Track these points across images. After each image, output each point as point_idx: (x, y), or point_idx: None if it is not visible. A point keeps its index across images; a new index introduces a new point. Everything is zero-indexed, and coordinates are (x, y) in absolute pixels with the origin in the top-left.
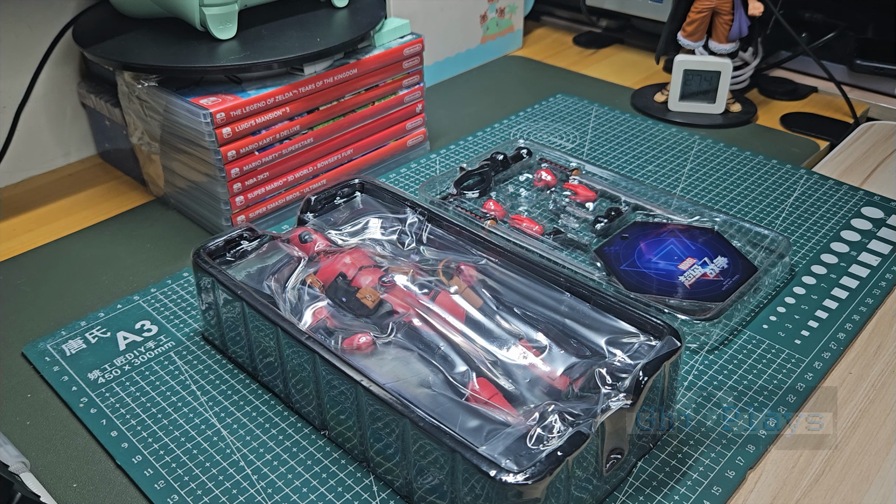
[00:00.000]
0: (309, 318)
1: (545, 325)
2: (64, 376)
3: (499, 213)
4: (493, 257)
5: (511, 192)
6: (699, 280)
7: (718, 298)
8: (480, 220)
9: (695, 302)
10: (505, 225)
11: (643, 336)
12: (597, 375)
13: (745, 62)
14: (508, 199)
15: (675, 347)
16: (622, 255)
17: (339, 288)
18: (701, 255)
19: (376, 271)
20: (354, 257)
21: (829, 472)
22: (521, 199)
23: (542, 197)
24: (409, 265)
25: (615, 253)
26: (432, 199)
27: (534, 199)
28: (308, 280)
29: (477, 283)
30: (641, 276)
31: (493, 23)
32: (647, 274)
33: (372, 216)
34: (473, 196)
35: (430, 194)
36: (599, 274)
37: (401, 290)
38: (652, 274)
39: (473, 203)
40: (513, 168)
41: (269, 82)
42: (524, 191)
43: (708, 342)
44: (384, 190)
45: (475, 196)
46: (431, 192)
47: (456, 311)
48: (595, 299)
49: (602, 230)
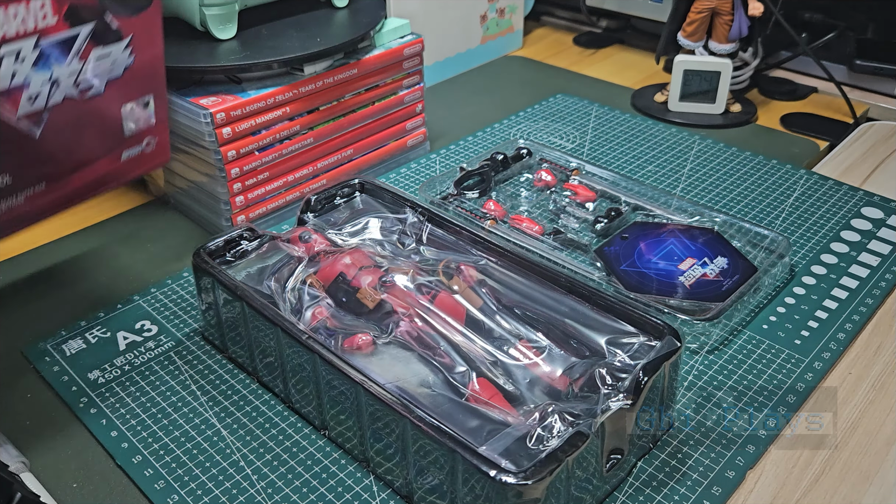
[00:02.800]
0: (309, 318)
1: (545, 326)
2: (64, 376)
3: (499, 214)
4: (493, 257)
5: (511, 193)
6: (699, 280)
7: (718, 298)
8: (480, 220)
9: (695, 302)
10: (505, 225)
11: (643, 336)
12: (597, 376)
13: (744, 62)
14: (508, 199)
15: (675, 348)
16: (622, 256)
17: (339, 288)
18: (701, 256)
19: (376, 271)
20: (354, 257)
21: (829, 472)
22: (521, 200)
23: (542, 197)
24: (410, 265)
25: (615, 253)
26: (432, 198)
27: (534, 199)
28: (308, 280)
29: (477, 283)
30: (641, 277)
31: (493, 23)
32: (647, 274)
33: (372, 216)
34: (473, 196)
35: (430, 194)
36: (599, 274)
37: (401, 290)
38: (652, 274)
39: (473, 203)
40: (513, 168)
41: (269, 82)
42: (524, 191)
43: (708, 342)
44: (384, 190)
45: (475, 196)
46: (431, 192)
47: (456, 311)
48: (595, 300)
49: (602, 230)
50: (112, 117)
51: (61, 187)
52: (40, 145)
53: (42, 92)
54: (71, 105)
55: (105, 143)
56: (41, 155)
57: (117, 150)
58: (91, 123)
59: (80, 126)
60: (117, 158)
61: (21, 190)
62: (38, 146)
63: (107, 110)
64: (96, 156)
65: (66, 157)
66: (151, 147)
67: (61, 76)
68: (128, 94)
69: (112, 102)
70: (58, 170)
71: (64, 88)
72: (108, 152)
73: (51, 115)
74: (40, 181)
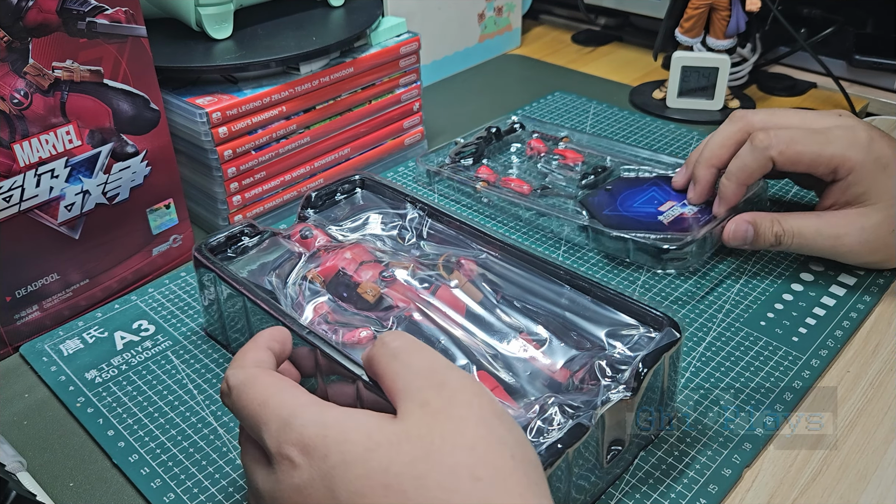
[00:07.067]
0: (310, 313)
1: (545, 318)
2: (61, 376)
3: (490, 177)
4: (493, 251)
5: (503, 161)
6: (677, 218)
7: (695, 232)
8: (472, 182)
9: (673, 233)
10: (496, 186)
11: (643, 328)
12: (597, 368)
13: (743, 58)
14: (501, 166)
15: (675, 339)
16: (605, 203)
17: (339, 283)
18: (680, 199)
19: (377, 266)
20: (355, 252)
21: (827, 471)
22: (512, 166)
23: (532, 162)
24: (410, 260)
25: (598, 202)
26: (429, 167)
27: (524, 165)
28: (309, 276)
29: (477, 276)
30: (622, 219)
31: (491, 21)
32: (628, 216)
33: (372, 212)
34: (467, 163)
35: (428, 164)
36: (582, 220)
37: (401, 285)
38: (632, 216)
39: (467, 170)
40: (505, 140)
41: (266, 81)
42: (515, 158)
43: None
44: (384, 186)
45: (469, 163)
46: (428, 163)
47: (456, 305)
48: (595, 292)
49: (588, 184)
50: (139, 219)
51: (103, 280)
52: (80, 246)
53: (76, 201)
54: (102, 211)
55: (136, 241)
56: (81, 254)
57: (148, 247)
58: (121, 225)
59: (113, 227)
60: (149, 254)
61: (69, 285)
62: (78, 247)
63: (134, 213)
64: (129, 253)
65: (103, 255)
66: (178, 242)
67: (91, 187)
68: (150, 198)
69: (138, 206)
70: (98, 266)
71: (95, 197)
72: (139, 249)
73: (86, 220)
74: (84, 277)
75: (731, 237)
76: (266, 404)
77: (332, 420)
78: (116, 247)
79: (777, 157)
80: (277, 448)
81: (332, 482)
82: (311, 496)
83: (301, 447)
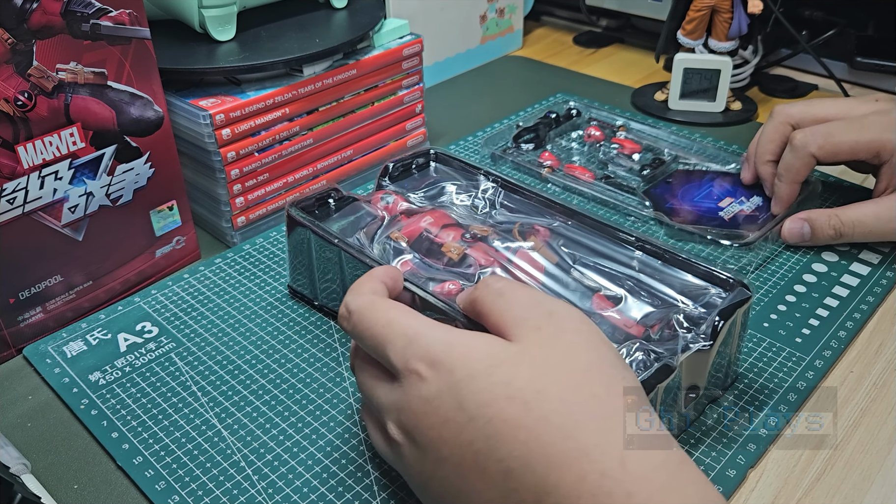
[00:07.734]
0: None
1: (619, 279)
2: (65, 378)
3: (554, 163)
4: (565, 219)
5: (563, 146)
6: (737, 215)
7: (755, 229)
8: (537, 167)
9: (734, 230)
10: (560, 173)
11: (714, 289)
12: (674, 320)
13: (745, 60)
14: (562, 152)
15: (747, 297)
16: (667, 195)
17: (423, 243)
18: (738, 196)
19: (458, 229)
20: (436, 216)
21: (831, 471)
22: (573, 152)
23: (591, 150)
24: (487, 226)
25: (660, 194)
26: (493, 151)
27: (584, 151)
28: (394, 236)
29: (552, 239)
30: (685, 212)
31: (493, 23)
32: (690, 210)
33: (447, 182)
34: (529, 148)
35: (492, 148)
36: (647, 210)
37: (482, 245)
38: (695, 210)
39: (529, 155)
40: (564, 126)
41: (269, 83)
42: (575, 144)
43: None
44: (456, 160)
45: (530, 148)
46: (493, 147)
47: (536, 265)
48: (665, 256)
49: (648, 176)
50: (143, 220)
51: (106, 282)
52: (83, 248)
53: (80, 203)
54: (106, 212)
55: (139, 242)
56: (85, 256)
57: (151, 249)
58: (125, 226)
59: (116, 229)
60: (152, 256)
61: (72, 287)
62: (81, 249)
63: (137, 215)
64: (133, 254)
65: (106, 257)
66: (182, 244)
67: (94, 189)
68: (153, 200)
69: (141, 208)
70: (101, 268)
71: (98, 199)
72: (143, 251)
73: (89, 222)
74: (87, 279)
75: (787, 235)
76: (391, 324)
77: (456, 339)
78: (120, 248)
79: (817, 152)
80: (405, 363)
81: (460, 393)
82: (440, 406)
83: (428, 362)
